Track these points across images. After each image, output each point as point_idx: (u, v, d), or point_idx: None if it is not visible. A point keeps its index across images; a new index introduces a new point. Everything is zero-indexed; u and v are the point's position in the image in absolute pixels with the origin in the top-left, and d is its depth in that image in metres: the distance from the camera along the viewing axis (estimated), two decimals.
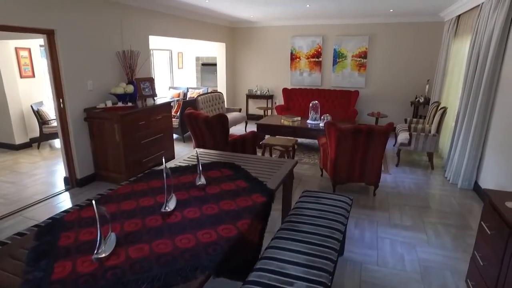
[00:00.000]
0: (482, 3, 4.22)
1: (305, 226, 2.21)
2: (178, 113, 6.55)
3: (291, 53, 8.03)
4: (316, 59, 7.82)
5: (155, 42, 9.79)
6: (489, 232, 2.06)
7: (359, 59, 7.43)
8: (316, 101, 6.03)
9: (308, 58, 7.90)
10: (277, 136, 6.00)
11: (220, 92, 7.30)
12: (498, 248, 1.96)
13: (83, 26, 4.26)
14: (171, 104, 5.48)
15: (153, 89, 5.19)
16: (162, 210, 1.95)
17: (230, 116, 6.74)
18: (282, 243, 2.02)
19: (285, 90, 7.88)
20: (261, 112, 8.64)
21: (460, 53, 5.32)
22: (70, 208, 2.09)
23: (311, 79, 8.00)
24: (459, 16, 5.53)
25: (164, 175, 1.97)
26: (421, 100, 6.79)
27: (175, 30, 6.32)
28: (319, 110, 6.04)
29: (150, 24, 5.57)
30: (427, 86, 6.85)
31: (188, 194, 2.28)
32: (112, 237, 1.65)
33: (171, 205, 2.05)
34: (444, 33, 6.17)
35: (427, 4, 5.47)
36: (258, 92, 8.47)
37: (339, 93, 7.51)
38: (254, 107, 8.78)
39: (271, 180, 2.56)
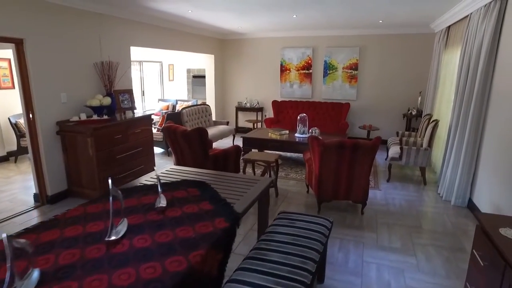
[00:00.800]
0: (471, 13, 4.08)
1: (274, 254, 1.96)
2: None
3: (281, 65, 7.88)
4: (307, 71, 7.67)
5: (144, 53, 9.66)
6: (482, 264, 1.81)
7: (350, 70, 7.28)
8: (304, 114, 5.84)
9: (298, 70, 7.75)
10: (265, 151, 5.79)
11: (207, 105, 7.11)
12: (493, 283, 1.71)
13: (57, 36, 4.07)
14: (152, 116, 5.26)
15: (132, 101, 4.98)
16: (106, 238, 1.71)
17: (217, 129, 6.52)
18: (246, 276, 1.77)
19: (274, 103, 7.70)
20: (250, 125, 8.44)
21: (451, 64, 5.17)
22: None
23: (302, 91, 7.83)
24: (449, 27, 5.40)
25: (110, 198, 1.73)
26: (414, 112, 6.62)
27: (160, 41, 6.16)
28: (307, 123, 5.84)
29: (132, 35, 5.40)
30: (419, 98, 6.68)
31: (145, 218, 2.04)
32: (34, 275, 1.39)
33: (120, 231, 1.80)
34: (435, 44, 6.04)
35: (416, 16, 5.35)
36: (248, 105, 8.29)
37: (330, 106, 7.33)
38: (244, 120, 8.58)
39: (241, 201, 2.32)
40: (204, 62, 8.27)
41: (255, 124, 8.30)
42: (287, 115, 7.65)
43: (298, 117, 5.83)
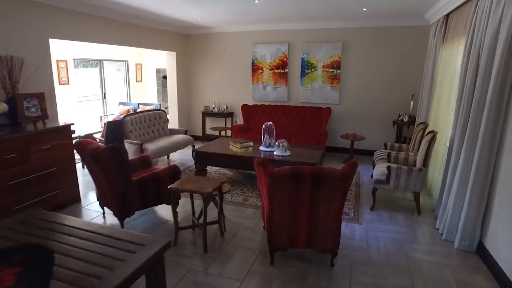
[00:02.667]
0: None
1: None
2: (104, 138, 5.19)
3: (253, 63, 6.80)
4: (282, 70, 6.60)
5: (106, 51, 8.51)
6: None
7: (331, 70, 6.22)
8: (270, 123, 4.76)
9: (272, 69, 6.67)
10: (223, 169, 4.69)
11: (161, 110, 5.99)
12: None
13: None
14: (71, 127, 4.13)
15: (42, 108, 3.84)
16: None
17: (169, 140, 5.41)
18: None
19: (244, 107, 6.62)
20: (217, 133, 7.33)
21: (451, 61, 4.13)
22: None
23: (276, 94, 6.75)
24: (447, 15, 4.36)
25: None
26: (405, 119, 5.57)
27: (97, 34, 5.03)
28: (274, 133, 4.75)
29: (52, 24, 4.27)
30: (411, 103, 5.64)
31: None
32: None
33: None
34: (430, 38, 5.00)
35: (407, 3, 4.30)
36: (216, 110, 7.19)
37: (309, 111, 6.26)
38: (216, 125, 7.47)
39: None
40: (166, 60, 7.15)
41: (225, 132, 7.20)
42: (258, 122, 6.56)
43: (263, 126, 4.75)
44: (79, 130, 6.35)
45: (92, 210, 3.91)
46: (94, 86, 8.83)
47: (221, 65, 7.14)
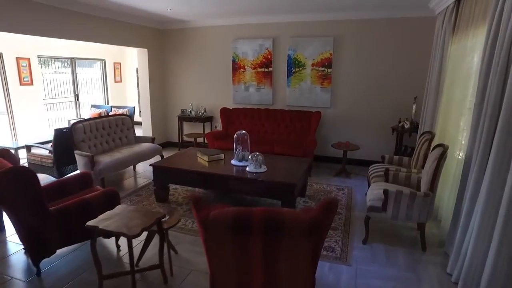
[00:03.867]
0: None
1: None
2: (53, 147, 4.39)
3: (233, 62, 6.01)
4: (266, 69, 5.81)
5: (77, 49, 7.73)
6: None
7: (322, 68, 5.43)
8: (244, 131, 3.97)
9: (255, 67, 5.88)
10: (189, 188, 3.88)
11: (124, 115, 5.20)
12: None
13: None
14: None
15: None
16: None
17: (131, 151, 4.61)
18: None
19: (224, 111, 5.83)
20: (199, 140, 6.54)
21: (463, 57, 3.33)
22: None
23: (260, 96, 5.96)
24: (458, 1, 3.57)
25: None
26: (407, 125, 4.77)
27: (49, 26, 4.24)
28: (248, 144, 3.96)
29: None
30: (414, 106, 4.84)
31: None
32: None
33: None
34: (437, 30, 4.20)
35: None
36: (193, 113, 6.40)
37: (296, 115, 5.47)
38: (194, 130, 6.69)
39: None
40: (137, 58, 6.36)
41: (198, 140, 6.43)
42: (239, 127, 5.75)
43: (235, 135, 3.95)
44: (39, 137, 5.57)
45: (16, 242, 3.12)
46: (66, 87, 8.06)
47: (199, 64, 6.35)
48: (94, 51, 8.30)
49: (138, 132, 6.93)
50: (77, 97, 8.16)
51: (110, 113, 7.05)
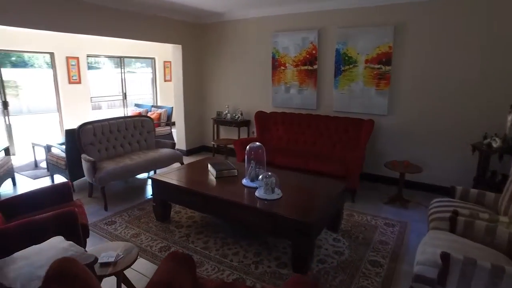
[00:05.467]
0: None
1: None
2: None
3: (273, 58, 5.20)
4: (309, 67, 4.87)
5: (129, 47, 7.71)
6: None
7: (378, 66, 4.31)
8: (258, 144, 3.14)
9: (297, 65, 4.99)
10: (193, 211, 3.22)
11: (146, 117, 4.75)
12: None
13: None
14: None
15: None
16: None
17: (146, 156, 4.12)
18: None
19: (259, 115, 5.06)
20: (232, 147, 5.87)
21: None
22: None
23: (302, 99, 5.04)
24: None
25: None
26: (496, 143, 3.43)
27: (79, 23, 3.96)
28: (264, 159, 3.13)
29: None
30: (509, 118, 3.46)
31: None
32: None
33: None
34: None
35: None
36: (229, 116, 5.75)
37: (343, 123, 4.44)
38: (229, 135, 6.06)
39: None
40: (171, 55, 5.95)
41: (231, 146, 5.73)
42: (276, 135, 4.94)
43: (248, 148, 3.14)
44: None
45: None
46: (115, 86, 8.13)
47: (236, 61, 5.68)
48: (144, 49, 8.22)
49: (175, 135, 6.56)
50: (124, 96, 8.17)
51: (157, 112, 6.81)
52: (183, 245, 2.92)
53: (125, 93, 8.17)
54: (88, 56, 7.09)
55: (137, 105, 7.59)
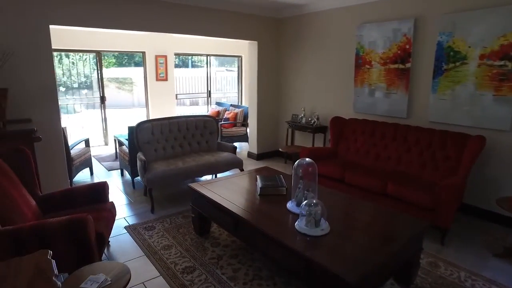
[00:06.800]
0: None
1: None
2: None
3: (357, 55, 4.39)
4: (401, 66, 3.93)
5: (213, 46, 7.79)
6: None
7: (500, 62, 3.14)
8: (309, 160, 2.52)
9: (385, 63, 4.08)
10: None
11: (209, 117, 4.51)
12: None
13: None
14: None
15: (1, 108, 3.02)
16: None
17: (201, 159, 3.88)
18: None
19: (335, 121, 4.36)
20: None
21: None
22: None
23: (390, 105, 4.11)
24: None
25: None
26: None
27: (146, 21, 4.01)
28: (316, 180, 2.49)
29: (54, 8, 3.47)
30: None
31: None
32: None
33: None
34: None
35: None
36: (304, 121, 5.15)
37: (440, 138, 3.41)
38: (304, 142, 5.48)
39: None
40: (247, 52, 5.64)
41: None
42: (353, 146, 4.16)
43: (295, 165, 2.54)
44: None
45: None
46: (200, 84, 8.32)
47: (314, 59, 5.03)
48: (231, 47, 8.17)
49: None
50: (209, 94, 8.28)
51: (229, 112, 6.68)
52: (209, 269, 2.51)
53: (209, 91, 8.28)
54: (175, 54, 7.36)
55: (218, 104, 7.59)
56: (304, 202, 2.22)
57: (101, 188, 2.75)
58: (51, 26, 3.44)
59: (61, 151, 3.68)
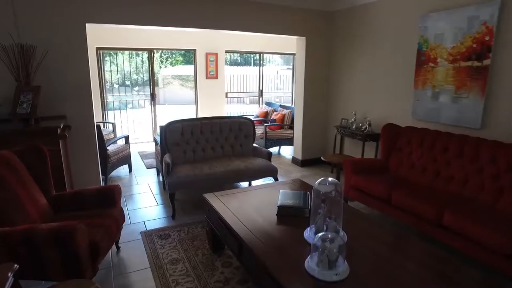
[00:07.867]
0: None
1: None
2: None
3: (419, 50, 3.67)
4: (475, 63, 3.14)
5: (265, 43, 7.47)
6: None
7: None
8: (332, 180, 2.03)
9: (454, 60, 3.32)
10: None
11: (245, 119, 4.19)
12: None
13: None
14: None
15: (33, 105, 3.07)
16: None
17: (231, 165, 3.58)
18: None
19: (388, 129, 3.73)
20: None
21: None
22: None
23: (458, 111, 3.34)
24: None
25: None
26: None
27: (162, 15, 3.87)
28: (342, 208, 2.01)
29: (92, 7, 3.46)
30: None
31: None
32: None
33: None
34: None
35: None
36: (354, 126, 4.55)
37: None
38: (353, 150, 4.89)
39: None
40: (295, 49, 5.18)
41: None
42: (407, 160, 3.49)
43: (315, 185, 2.07)
44: None
45: None
46: (252, 83, 8.07)
47: (368, 56, 4.39)
48: (285, 44, 7.76)
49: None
50: (260, 93, 7.99)
51: (284, 113, 6.33)
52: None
53: (261, 90, 7.99)
54: (226, 52, 7.20)
55: (267, 103, 7.26)
56: (318, 235, 1.77)
57: (111, 192, 2.60)
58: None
59: (93, 148, 3.70)
